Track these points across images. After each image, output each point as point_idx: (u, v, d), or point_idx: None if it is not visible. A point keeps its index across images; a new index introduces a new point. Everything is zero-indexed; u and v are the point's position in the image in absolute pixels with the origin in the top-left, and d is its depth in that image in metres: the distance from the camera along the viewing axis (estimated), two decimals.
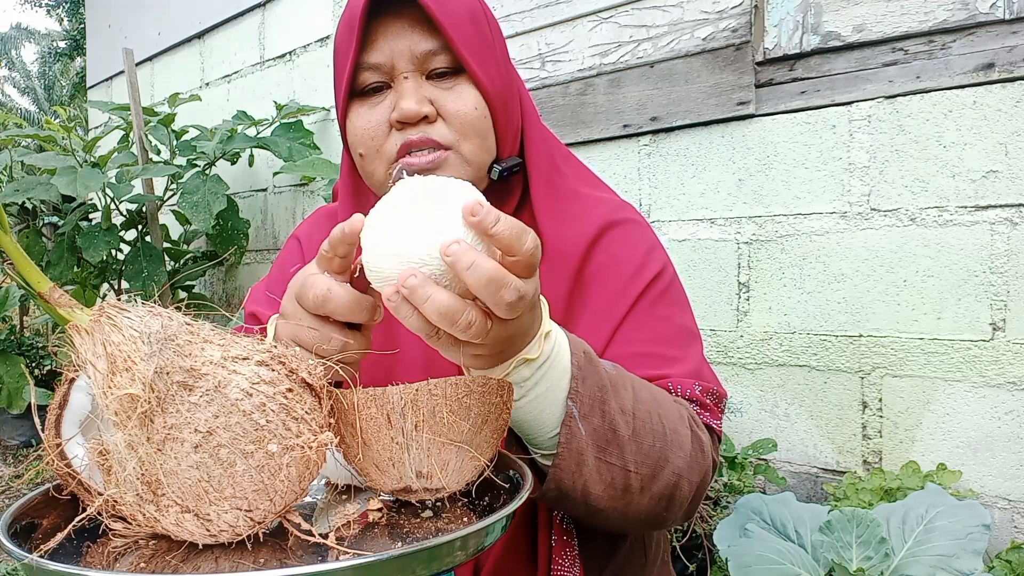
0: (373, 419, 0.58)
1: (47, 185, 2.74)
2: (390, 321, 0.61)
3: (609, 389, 0.67)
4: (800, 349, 1.83)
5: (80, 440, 0.54)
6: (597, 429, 0.66)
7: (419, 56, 0.78)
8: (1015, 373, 1.54)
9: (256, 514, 0.52)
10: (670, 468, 0.71)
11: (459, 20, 0.78)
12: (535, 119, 0.90)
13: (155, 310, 0.54)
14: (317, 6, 3.07)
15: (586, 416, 0.65)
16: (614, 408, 0.67)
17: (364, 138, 0.80)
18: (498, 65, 0.82)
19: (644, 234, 0.89)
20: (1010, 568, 1.44)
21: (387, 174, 0.80)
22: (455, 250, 0.52)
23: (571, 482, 0.67)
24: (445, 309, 0.52)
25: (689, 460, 0.73)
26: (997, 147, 1.55)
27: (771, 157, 1.85)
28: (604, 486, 0.68)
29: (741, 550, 1.47)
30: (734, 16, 1.89)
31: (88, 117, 5.29)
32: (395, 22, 0.78)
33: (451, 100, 0.79)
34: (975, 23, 1.55)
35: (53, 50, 19.90)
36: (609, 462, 0.67)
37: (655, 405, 0.71)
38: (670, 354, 0.81)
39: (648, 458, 0.69)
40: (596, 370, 0.67)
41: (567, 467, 0.66)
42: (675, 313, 0.85)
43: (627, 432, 0.68)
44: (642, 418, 0.69)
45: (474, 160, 0.80)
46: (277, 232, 3.35)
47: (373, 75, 0.79)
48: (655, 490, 0.70)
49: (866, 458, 1.75)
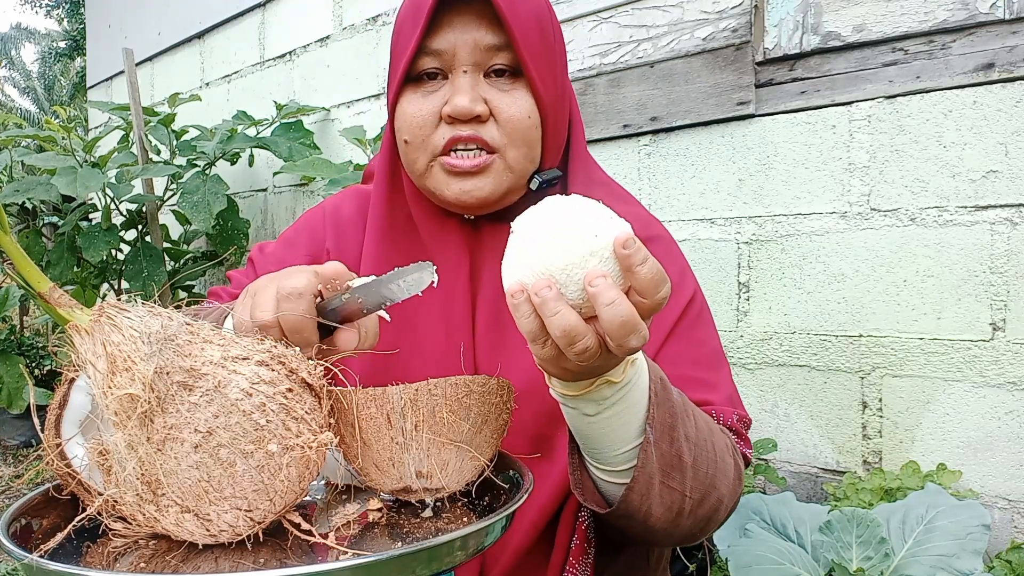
0: (373, 419, 0.58)
1: (47, 185, 2.74)
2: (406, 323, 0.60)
3: (679, 416, 0.68)
4: (800, 349, 1.83)
5: (80, 440, 0.54)
6: (665, 455, 0.67)
7: (482, 49, 0.78)
8: (1015, 373, 1.54)
9: (256, 514, 0.52)
10: (716, 494, 0.73)
11: (526, 21, 0.78)
12: (581, 137, 0.90)
13: (155, 310, 0.54)
14: (317, 6, 3.07)
15: (657, 442, 0.67)
16: (681, 435, 0.68)
17: (412, 126, 0.80)
18: (555, 75, 0.82)
19: (673, 254, 0.91)
20: (1010, 568, 1.44)
21: (428, 166, 0.81)
22: (600, 284, 0.52)
23: (638, 504, 0.68)
24: (570, 328, 0.53)
25: (731, 487, 0.75)
26: (997, 147, 1.55)
27: (771, 157, 1.85)
28: (664, 509, 0.69)
29: (741, 550, 1.47)
30: (734, 16, 1.89)
31: (88, 117, 5.29)
32: (463, 13, 0.78)
33: (506, 103, 0.79)
34: (975, 23, 1.55)
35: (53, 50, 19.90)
36: (671, 487, 0.68)
37: (709, 434, 0.73)
38: (709, 378, 0.83)
39: (701, 484, 0.71)
40: (669, 396, 0.68)
41: (639, 489, 0.67)
42: (710, 335, 0.87)
43: (689, 459, 0.69)
44: (700, 446, 0.71)
45: (517, 168, 0.80)
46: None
47: (432, 61, 0.79)
48: (700, 513, 0.72)
49: (866, 458, 1.75)
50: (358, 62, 2.92)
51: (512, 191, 0.83)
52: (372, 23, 2.85)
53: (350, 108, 2.96)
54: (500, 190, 0.81)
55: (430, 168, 0.81)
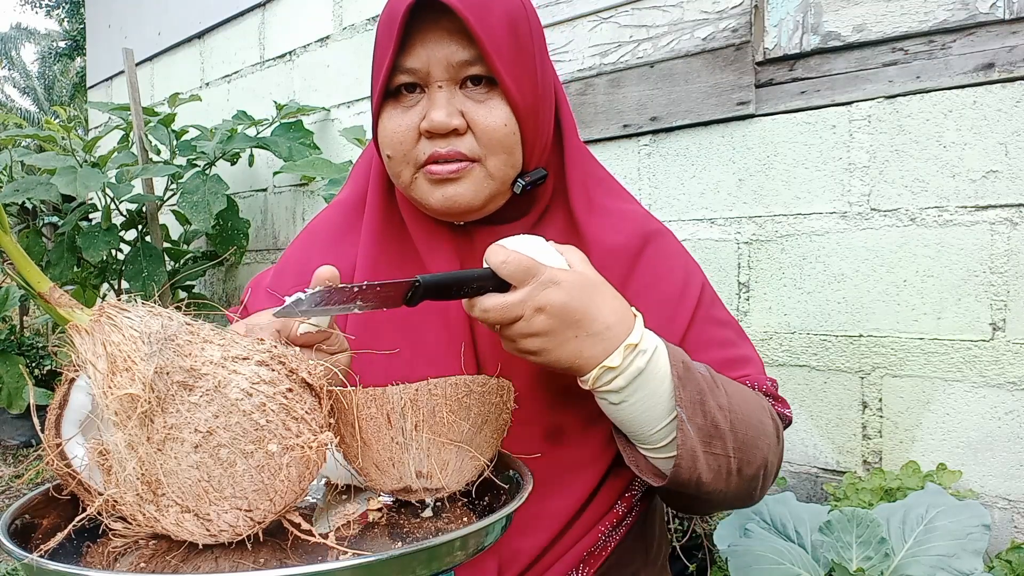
0: (373, 419, 0.58)
1: (47, 185, 2.74)
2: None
3: (707, 391, 0.76)
4: (800, 349, 1.83)
5: (80, 440, 0.54)
6: (701, 427, 0.74)
7: (454, 65, 0.79)
8: (1015, 373, 1.54)
9: (256, 514, 0.52)
10: (760, 453, 0.81)
11: (497, 32, 0.78)
12: (572, 126, 0.91)
13: (155, 310, 0.54)
14: (317, 6, 3.07)
15: (691, 418, 0.74)
16: (712, 406, 0.75)
17: (393, 142, 0.81)
18: (532, 78, 0.82)
19: (673, 247, 0.94)
20: (1010, 568, 1.44)
21: (412, 177, 0.82)
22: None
23: (688, 476, 0.75)
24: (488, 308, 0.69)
25: (773, 446, 0.83)
26: (997, 147, 1.55)
27: (771, 157, 1.85)
28: (713, 474, 0.76)
29: (741, 550, 1.47)
30: (734, 16, 1.89)
31: (88, 117, 5.28)
32: (434, 28, 0.78)
33: (482, 115, 0.80)
34: (975, 23, 1.55)
35: (53, 50, 19.90)
36: (715, 453, 0.76)
37: (743, 401, 0.80)
38: (740, 355, 0.91)
39: (744, 444, 0.78)
40: (693, 375, 0.75)
41: (685, 464, 0.74)
42: (728, 316, 0.94)
43: (726, 425, 0.76)
44: (735, 411, 0.78)
45: (498, 175, 0.82)
46: (277, 232, 3.35)
47: (408, 77, 0.80)
48: (749, 472, 0.80)
49: (866, 458, 1.75)
50: (358, 62, 2.92)
51: (497, 196, 0.84)
52: (372, 23, 2.85)
53: (350, 108, 2.96)
54: (482, 195, 0.82)
55: (415, 180, 0.83)
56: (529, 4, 0.85)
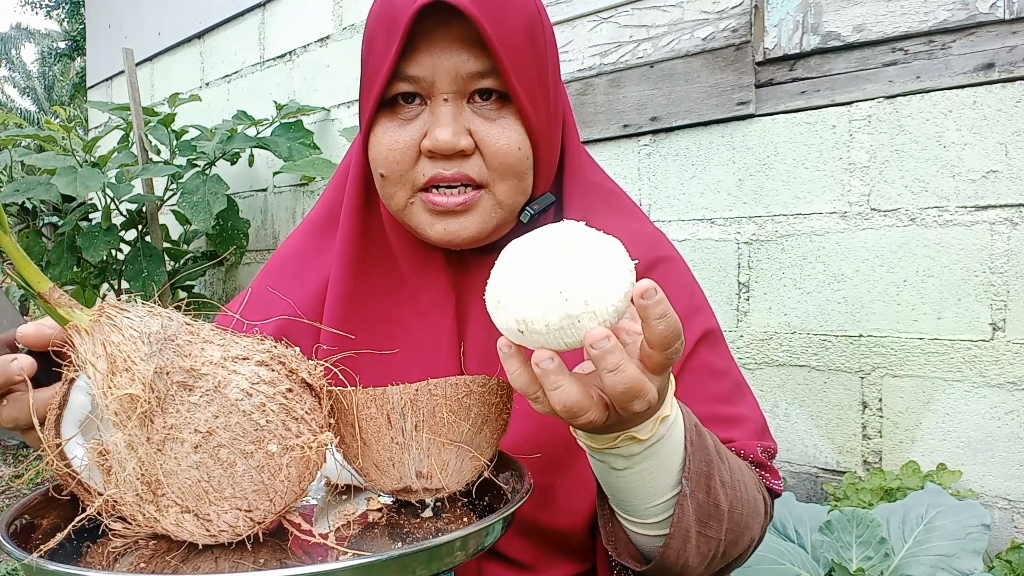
0: (373, 419, 0.58)
1: (47, 185, 2.74)
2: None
3: (714, 463, 0.64)
4: (800, 349, 1.83)
5: (80, 440, 0.54)
6: (702, 505, 0.64)
7: (463, 77, 0.69)
8: (1015, 373, 1.54)
9: (256, 514, 0.52)
10: (749, 535, 0.70)
11: (514, 41, 0.69)
12: (576, 139, 0.82)
13: (155, 310, 0.54)
14: (317, 6, 3.07)
15: (694, 492, 0.63)
16: (716, 482, 0.64)
17: (388, 160, 0.71)
18: (547, 95, 0.73)
19: (683, 276, 0.83)
20: (1010, 568, 1.44)
21: (408, 202, 0.73)
22: (604, 347, 0.47)
23: (675, 558, 0.64)
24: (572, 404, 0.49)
25: (762, 525, 0.73)
26: (997, 147, 1.55)
27: (771, 157, 1.85)
28: (700, 558, 0.66)
29: None
30: (734, 16, 1.89)
31: (88, 117, 5.29)
32: (443, 33, 0.68)
33: (494, 135, 0.70)
34: (975, 23, 1.55)
35: (53, 50, 19.91)
36: (708, 535, 0.65)
37: (740, 475, 0.69)
38: (731, 413, 0.78)
39: (737, 527, 0.68)
40: (704, 444, 0.64)
41: (675, 545, 0.64)
42: (728, 366, 0.81)
43: (726, 505, 0.66)
44: (735, 488, 0.67)
45: (507, 202, 0.73)
46: (277, 232, 3.35)
47: (408, 86, 0.71)
48: (733, 554, 0.70)
49: (866, 458, 1.75)
50: (358, 62, 2.92)
51: (502, 225, 0.75)
52: None
53: (350, 108, 2.96)
54: (488, 227, 0.73)
55: (410, 205, 0.73)
56: (544, 11, 0.76)
